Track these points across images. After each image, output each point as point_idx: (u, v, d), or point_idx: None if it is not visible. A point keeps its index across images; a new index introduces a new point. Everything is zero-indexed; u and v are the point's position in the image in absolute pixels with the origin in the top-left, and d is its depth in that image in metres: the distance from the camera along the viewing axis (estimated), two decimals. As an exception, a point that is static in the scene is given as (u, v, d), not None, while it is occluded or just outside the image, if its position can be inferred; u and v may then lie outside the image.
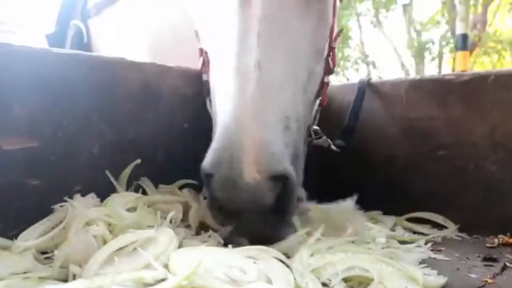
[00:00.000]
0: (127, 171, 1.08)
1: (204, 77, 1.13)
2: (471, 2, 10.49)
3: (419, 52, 11.84)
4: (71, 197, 0.96)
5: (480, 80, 1.20)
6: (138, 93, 1.11)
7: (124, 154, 1.09)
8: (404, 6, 12.60)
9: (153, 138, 1.15)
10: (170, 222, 0.96)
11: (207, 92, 1.12)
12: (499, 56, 13.54)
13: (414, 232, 1.20)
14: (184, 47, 1.77)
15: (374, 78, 1.41)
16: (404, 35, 12.68)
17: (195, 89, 1.20)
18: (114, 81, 1.08)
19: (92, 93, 1.04)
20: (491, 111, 1.18)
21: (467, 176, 1.22)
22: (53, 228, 0.87)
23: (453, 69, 10.47)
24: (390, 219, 1.25)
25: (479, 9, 11.23)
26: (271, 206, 0.89)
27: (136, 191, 1.08)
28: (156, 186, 1.12)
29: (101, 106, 1.05)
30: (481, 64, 14.21)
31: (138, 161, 1.09)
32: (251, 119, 0.88)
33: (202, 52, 1.15)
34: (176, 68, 1.19)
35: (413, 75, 12.79)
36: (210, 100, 1.11)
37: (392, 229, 1.20)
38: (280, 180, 0.89)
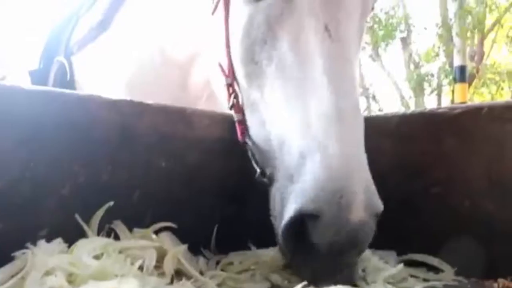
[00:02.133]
0: (99, 213, 1.02)
1: (237, 117, 1.12)
2: (468, 34, 10.60)
3: (418, 85, 11.90)
4: (36, 243, 0.89)
5: (473, 113, 1.14)
6: (114, 131, 1.06)
7: (97, 196, 1.03)
8: (403, 39, 12.75)
9: (128, 178, 1.09)
10: (142, 269, 0.89)
11: (243, 132, 1.11)
12: (498, 87, 13.60)
13: (411, 276, 1.12)
14: (163, 85, 1.76)
15: (374, 111, 1.37)
16: (403, 68, 12.78)
17: (175, 126, 1.15)
18: (89, 120, 1.03)
19: (65, 132, 0.99)
20: (485, 145, 1.12)
21: (462, 214, 1.15)
22: (12, 277, 0.81)
23: (452, 101, 10.48)
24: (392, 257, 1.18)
25: (476, 41, 11.34)
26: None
27: (109, 235, 1.01)
28: (130, 229, 1.06)
29: (74, 146, 1.00)
30: (480, 95, 14.28)
31: (111, 203, 1.03)
32: (358, 161, 0.91)
33: (232, 90, 1.13)
34: (155, 105, 1.14)
35: (412, 107, 12.85)
36: (249, 141, 1.09)
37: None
38: (376, 218, 0.91)
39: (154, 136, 1.13)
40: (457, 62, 9.75)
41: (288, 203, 0.91)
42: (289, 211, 0.89)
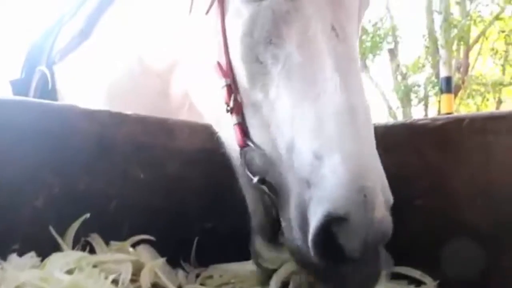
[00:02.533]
0: (74, 226, 0.99)
1: (237, 119, 1.04)
2: (454, 47, 10.74)
3: (406, 95, 12.00)
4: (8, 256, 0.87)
5: (455, 124, 1.14)
6: (90, 141, 1.04)
7: (73, 207, 1.01)
8: (390, 50, 12.87)
9: (105, 189, 1.06)
10: (116, 284, 0.87)
11: (244, 134, 1.04)
12: (483, 98, 13.77)
13: (392, 289, 1.11)
14: (143, 94, 1.74)
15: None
16: (391, 78, 12.89)
17: (154, 137, 1.13)
18: (65, 130, 1.01)
19: (40, 142, 0.97)
20: (468, 157, 1.11)
21: (445, 227, 1.14)
22: (-19, 293, 0.78)
23: (439, 112, 10.58)
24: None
25: (462, 53, 11.49)
26: None
27: (84, 248, 0.99)
28: (107, 242, 1.03)
29: (50, 156, 0.98)
30: (466, 105, 14.44)
31: (87, 215, 1.01)
32: (374, 158, 0.90)
33: (232, 90, 1.06)
34: (133, 116, 1.12)
35: (400, 118, 12.95)
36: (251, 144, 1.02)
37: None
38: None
39: (132, 146, 1.11)
40: (443, 73, 9.87)
41: (311, 209, 0.88)
42: (317, 217, 0.86)
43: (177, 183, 1.17)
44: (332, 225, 0.85)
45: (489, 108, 14.57)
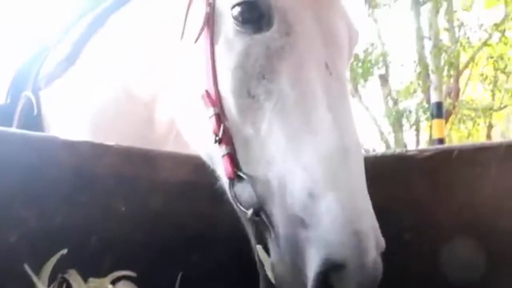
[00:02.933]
0: (51, 262, 0.95)
1: (226, 150, 1.02)
2: (444, 73, 10.86)
3: (397, 121, 12.06)
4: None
5: (444, 156, 1.12)
6: (70, 173, 1.01)
7: (50, 242, 0.97)
8: (381, 76, 12.99)
9: (85, 224, 1.03)
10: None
11: (234, 165, 1.01)
12: (474, 123, 13.87)
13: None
14: (128, 123, 1.72)
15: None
16: (382, 104, 12.98)
17: (136, 168, 1.10)
18: (43, 162, 0.97)
19: (16, 175, 0.94)
20: (456, 189, 1.10)
21: (435, 262, 1.11)
22: None
23: (431, 137, 10.63)
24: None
25: (452, 78, 11.62)
26: None
27: (61, 286, 0.95)
28: (86, 279, 0.99)
29: (26, 189, 0.94)
30: (457, 131, 14.53)
31: (65, 250, 0.97)
32: (366, 199, 0.91)
33: (220, 120, 1.04)
34: (116, 147, 1.09)
35: (392, 143, 13.01)
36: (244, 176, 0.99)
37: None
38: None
39: (114, 178, 1.08)
40: (434, 98, 9.95)
41: (308, 251, 0.87)
42: (317, 263, 0.84)
43: (161, 216, 1.14)
44: (329, 271, 0.84)
45: (480, 133, 14.69)
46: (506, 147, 1.04)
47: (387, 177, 1.18)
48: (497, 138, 18.43)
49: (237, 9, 1.05)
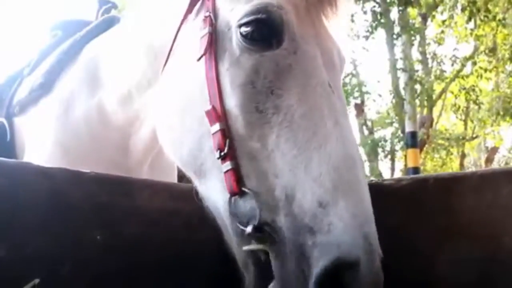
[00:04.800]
0: (22, 293, 0.92)
1: (231, 165, 1.02)
2: (418, 103, 11.10)
3: (373, 150, 12.22)
4: None
5: (420, 185, 1.14)
6: (43, 201, 0.98)
7: (21, 272, 0.93)
8: (356, 105, 13.21)
9: (58, 252, 1.00)
10: None
11: (239, 180, 1.02)
12: (447, 152, 14.15)
13: None
14: (101, 149, 1.70)
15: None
16: (357, 133, 13.15)
17: (111, 196, 1.08)
18: (15, 189, 0.95)
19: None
20: (433, 217, 1.10)
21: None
22: None
23: (406, 165, 10.78)
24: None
25: (426, 109, 11.87)
26: None
27: (32, 318, 0.91)
28: (58, 310, 0.96)
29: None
30: (432, 159, 14.79)
31: (36, 280, 0.94)
32: (371, 206, 0.95)
33: (225, 136, 1.04)
34: (92, 174, 1.08)
35: (367, 171, 13.13)
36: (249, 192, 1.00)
37: None
38: None
39: (89, 206, 1.06)
40: (408, 128, 10.13)
41: (315, 255, 0.89)
42: (324, 262, 0.86)
43: (136, 245, 1.11)
44: (340, 272, 0.86)
45: (454, 161, 14.99)
46: (479, 177, 1.06)
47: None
48: (470, 166, 18.79)
49: (246, 28, 1.08)
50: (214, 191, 1.09)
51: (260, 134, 1.02)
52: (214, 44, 1.13)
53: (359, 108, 13.23)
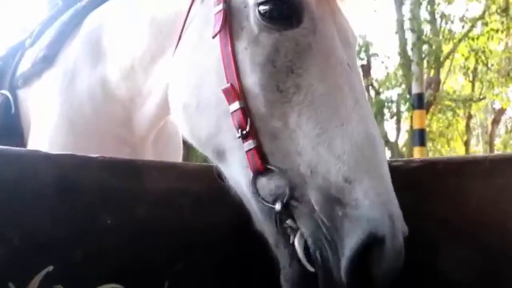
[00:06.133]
0: (36, 280, 0.93)
1: (254, 143, 1.02)
2: (425, 63, 10.94)
3: (379, 111, 12.15)
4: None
5: (429, 168, 1.13)
6: (52, 189, 0.98)
7: (34, 260, 0.95)
8: (362, 66, 13.05)
9: (70, 238, 1.01)
10: None
11: (263, 159, 1.02)
12: (453, 113, 14.07)
13: None
14: (102, 121, 1.70)
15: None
16: (363, 94, 13.04)
17: (120, 180, 1.09)
18: (24, 178, 0.95)
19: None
20: (441, 201, 1.10)
21: (419, 269, 1.11)
22: None
23: (411, 127, 10.76)
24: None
25: (433, 70, 11.71)
26: None
27: (46, 304, 0.93)
28: (73, 294, 0.98)
29: (6, 207, 0.92)
30: (437, 120, 14.72)
31: (51, 268, 0.95)
32: (391, 182, 0.97)
33: (246, 114, 1.04)
34: (100, 159, 1.07)
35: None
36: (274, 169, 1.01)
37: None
38: None
39: (98, 191, 1.06)
40: (415, 89, 10.05)
41: (346, 226, 0.91)
42: (358, 235, 0.89)
43: (146, 226, 1.13)
44: (369, 247, 0.88)
45: (460, 123, 14.93)
46: (490, 161, 1.05)
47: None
48: (476, 127, 18.73)
49: (265, 6, 1.08)
50: (236, 171, 1.09)
51: (282, 113, 1.02)
52: (230, 21, 1.12)
53: (365, 69, 13.07)
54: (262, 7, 1.07)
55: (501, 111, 16.07)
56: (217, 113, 1.10)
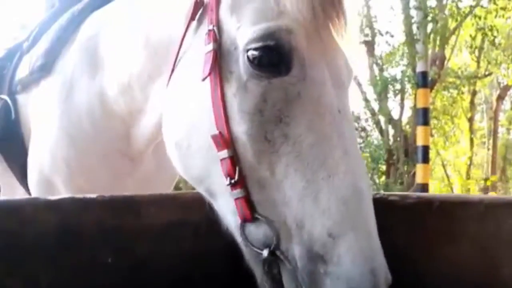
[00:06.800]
0: (38, 326, 0.96)
1: (242, 193, 1.03)
2: (430, 39, 10.79)
3: (383, 89, 12.06)
4: None
5: (424, 206, 1.14)
6: (53, 235, 1.00)
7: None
8: (366, 42, 12.90)
9: (72, 280, 1.03)
10: None
11: (251, 208, 1.03)
12: (458, 91, 13.95)
13: None
14: (101, 136, 1.71)
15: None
16: (367, 71, 12.93)
17: (121, 217, 1.10)
18: (25, 226, 0.97)
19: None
20: (436, 240, 1.12)
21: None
22: None
23: (415, 105, 10.69)
24: None
25: (438, 48, 11.56)
26: None
27: None
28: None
29: (7, 257, 0.94)
30: (441, 98, 14.62)
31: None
32: (378, 238, 0.97)
33: (234, 162, 1.04)
34: (99, 199, 1.09)
35: (376, 108, 13.05)
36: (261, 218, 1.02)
37: None
38: None
39: (98, 231, 1.08)
40: (419, 67, 9.93)
41: (328, 284, 0.93)
42: None
43: (146, 262, 1.15)
44: None
45: (465, 100, 14.82)
46: (485, 205, 1.06)
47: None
48: (481, 103, 18.59)
49: (254, 52, 1.04)
50: (226, 214, 1.10)
51: (270, 163, 1.01)
52: (219, 62, 1.09)
53: (370, 46, 12.93)
54: (251, 53, 1.04)
55: (506, 88, 15.93)
56: (207, 158, 1.09)
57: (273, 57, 1.03)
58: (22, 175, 1.99)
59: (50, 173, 1.81)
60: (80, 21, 1.87)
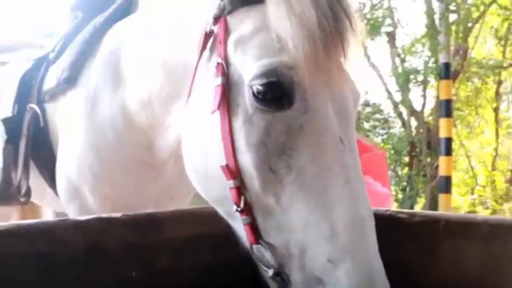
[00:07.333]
0: None
1: (247, 220, 1.10)
2: (453, 29, 10.60)
3: (405, 81, 11.90)
4: None
5: (431, 224, 1.18)
6: (81, 254, 1.08)
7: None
8: (388, 33, 12.73)
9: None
10: None
11: (256, 234, 1.10)
12: (482, 81, 13.67)
13: None
14: (125, 147, 1.79)
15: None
16: (389, 62, 12.77)
17: (143, 234, 1.18)
18: (54, 248, 1.05)
19: (27, 267, 1.01)
20: (442, 258, 1.16)
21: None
22: None
23: (438, 97, 10.54)
24: None
25: (461, 39, 11.34)
26: None
27: None
28: None
29: (39, 279, 1.02)
30: (465, 88, 14.36)
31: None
32: (379, 262, 1.00)
33: (241, 192, 1.10)
34: (123, 218, 1.16)
35: (398, 99, 12.89)
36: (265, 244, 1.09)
37: None
38: None
39: (123, 249, 1.16)
40: (442, 59, 9.79)
41: None
42: None
43: (168, 276, 1.22)
44: None
45: (490, 90, 14.50)
46: (490, 225, 1.10)
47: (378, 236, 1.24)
48: (507, 92, 18.20)
49: (259, 87, 1.08)
50: (241, 235, 1.18)
51: (275, 192, 1.07)
52: (228, 95, 1.15)
53: (391, 36, 12.75)
54: (256, 88, 1.08)
55: (534, 77, 15.53)
56: (221, 185, 1.14)
57: (276, 93, 1.08)
58: (51, 180, 2.10)
59: (77, 181, 1.90)
60: (102, 34, 1.95)
